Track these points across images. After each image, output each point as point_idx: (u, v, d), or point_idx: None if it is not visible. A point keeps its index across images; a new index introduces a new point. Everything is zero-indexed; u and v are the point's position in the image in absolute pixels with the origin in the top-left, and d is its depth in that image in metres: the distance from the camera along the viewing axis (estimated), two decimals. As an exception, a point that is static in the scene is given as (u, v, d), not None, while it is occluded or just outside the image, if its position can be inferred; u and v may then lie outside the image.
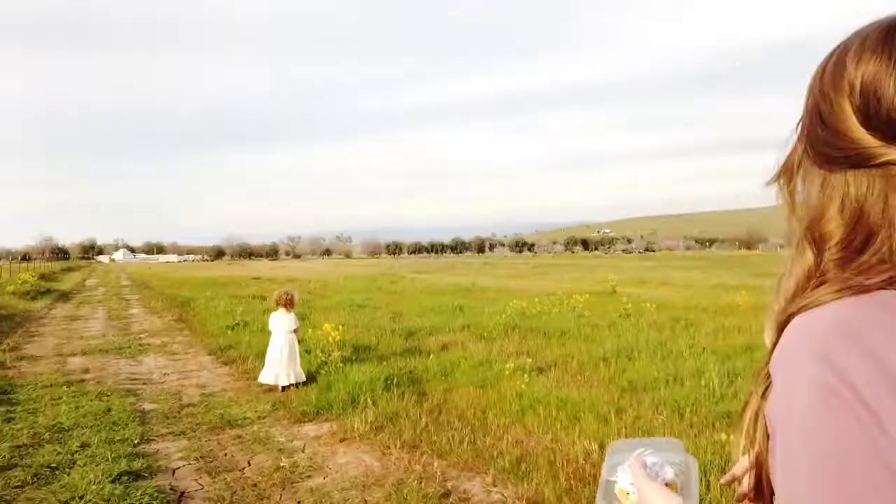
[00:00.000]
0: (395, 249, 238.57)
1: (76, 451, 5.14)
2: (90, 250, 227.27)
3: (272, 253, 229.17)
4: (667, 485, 0.82)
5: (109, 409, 6.48)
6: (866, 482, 0.54)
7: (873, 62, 0.62)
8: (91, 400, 6.97)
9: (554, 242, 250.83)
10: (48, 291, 25.42)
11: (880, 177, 0.62)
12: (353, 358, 8.35)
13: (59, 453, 5.09)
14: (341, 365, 7.70)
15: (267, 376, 7.28)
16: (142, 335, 12.63)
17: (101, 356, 10.12)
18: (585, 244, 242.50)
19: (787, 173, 0.72)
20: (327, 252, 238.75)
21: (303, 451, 5.23)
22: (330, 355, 7.89)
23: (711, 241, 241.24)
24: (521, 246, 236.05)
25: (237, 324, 12.37)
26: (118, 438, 5.51)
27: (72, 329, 13.83)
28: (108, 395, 7.22)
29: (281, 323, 7.45)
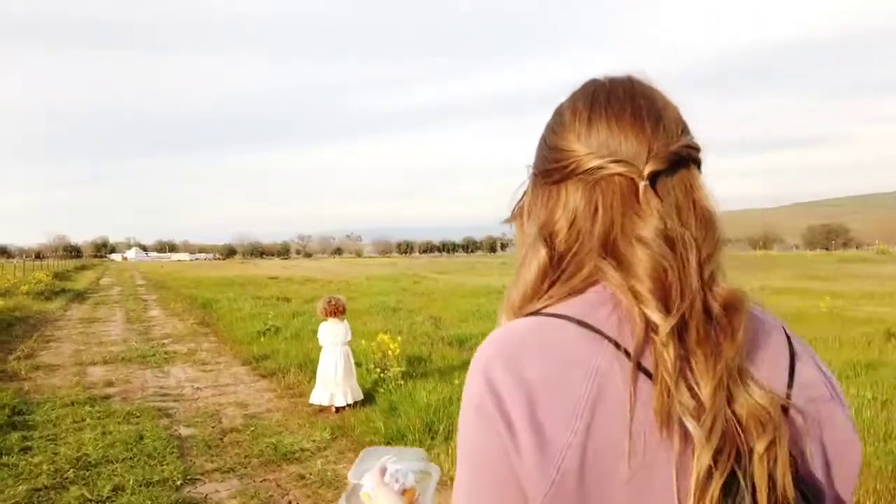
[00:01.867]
0: (406, 248, 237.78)
1: (108, 498, 4.21)
2: (102, 248, 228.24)
3: (283, 252, 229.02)
4: (405, 490, 0.90)
5: (142, 437, 5.54)
6: (494, 485, 0.66)
7: (594, 103, 0.75)
8: (118, 423, 6.03)
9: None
10: (63, 291, 24.63)
11: (595, 184, 0.72)
12: (411, 373, 7.38)
13: (87, 500, 4.16)
14: (401, 382, 6.73)
15: (320, 396, 6.32)
16: (165, 341, 11.72)
17: (125, 366, 9.21)
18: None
19: (519, 215, 0.82)
20: (338, 251, 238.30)
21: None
22: (386, 371, 6.92)
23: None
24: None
25: (268, 329, 11.43)
26: (157, 478, 4.56)
27: (90, 333, 12.95)
28: (137, 416, 6.28)
29: (334, 334, 6.48)
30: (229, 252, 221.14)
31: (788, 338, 0.74)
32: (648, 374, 0.65)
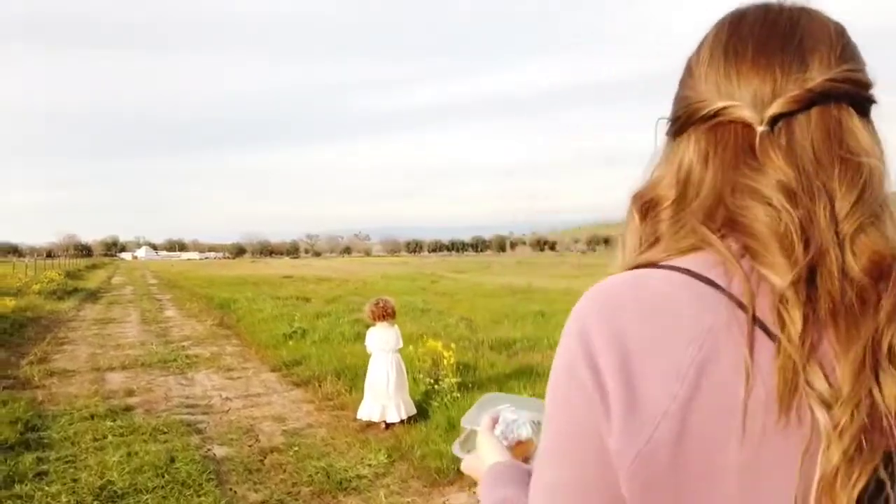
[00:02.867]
0: (415, 247, 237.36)
1: (141, 542, 3.51)
2: (113, 247, 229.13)
3: (293, 251, 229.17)
4: (520, 442, 0.82)
5: (173, 459, 4.86)
6: (580, 452, 0.58)
7: (715, 41, 0.65)
8: (145, 440, 5.36)
9: (576, 241, 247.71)
10: (75, 290, 24.08)
11: (707, 132, 0.63)
12: (465, 383, 6.66)
13: (115, 545, 3.47)
14: (458, 395, 6.01)
15: (371, 410, 5.61)
16: (185, 343, 11.07)
17: (145, 371, 8.56)
18: (607, 242, 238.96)
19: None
20: (347, 250, 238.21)
21: (474, 547, 3.55)
22: (440, 381, 6.21)
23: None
24: (542, 244, 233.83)
25: (294, 332, 10.74)
26: (195, 514, 3.87)
27: (105, 335, 12.32)
28: (164, 433, 5.61)
29: (385, 340, 5.77)
30: (239, 251, 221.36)
31: None
32: (774, 340, 0.54)
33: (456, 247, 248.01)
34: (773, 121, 0.59)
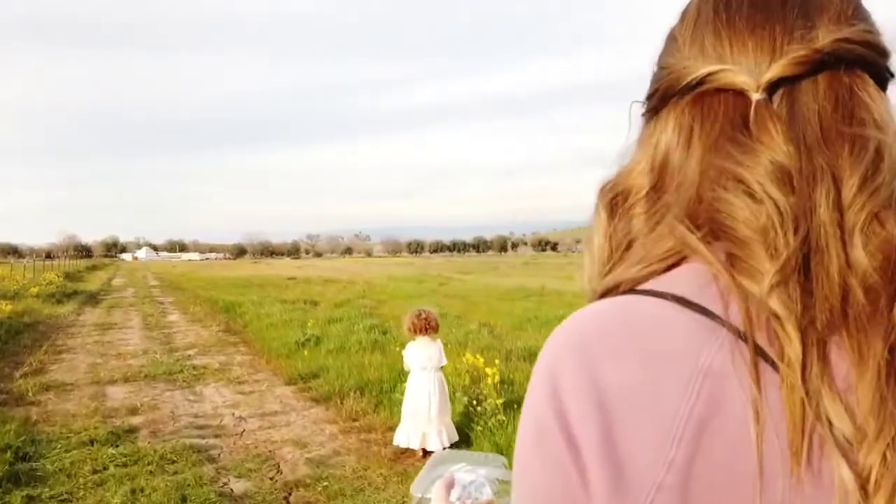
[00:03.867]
0: (417, 248, 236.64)
1: None
2: (113, 248, 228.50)
3: (294, 251, 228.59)
4: None
5: (184, 498, 4.19)
6: None
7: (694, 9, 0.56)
8: (151, 472, 4.69)
9: (577, 241, 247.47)
10: (75, 293, 23.38)
11: (691, 105, 0.53)
12: (509, 402, 5.98)
13: None
14: (503, 418, 5.34)
15: (410, 436, 4.93)
16: (190, 352, 10.40)
17: (148, 384, 7.89)
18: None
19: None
20: (348, 250, 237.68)
21: None
22: (481, 402, 5.53)
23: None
24: (543, 244, 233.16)
25: (308, 339, 10.08)
26: (216, 577, 3.20)
27: (106, 342, 11.65)
28: (172, 462, 4.94)
29: (427, 356, 5.08)
30: (239, 251, 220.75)
31: None
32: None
33: (457, 247, 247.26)
34: (772, 87, 0.49)
